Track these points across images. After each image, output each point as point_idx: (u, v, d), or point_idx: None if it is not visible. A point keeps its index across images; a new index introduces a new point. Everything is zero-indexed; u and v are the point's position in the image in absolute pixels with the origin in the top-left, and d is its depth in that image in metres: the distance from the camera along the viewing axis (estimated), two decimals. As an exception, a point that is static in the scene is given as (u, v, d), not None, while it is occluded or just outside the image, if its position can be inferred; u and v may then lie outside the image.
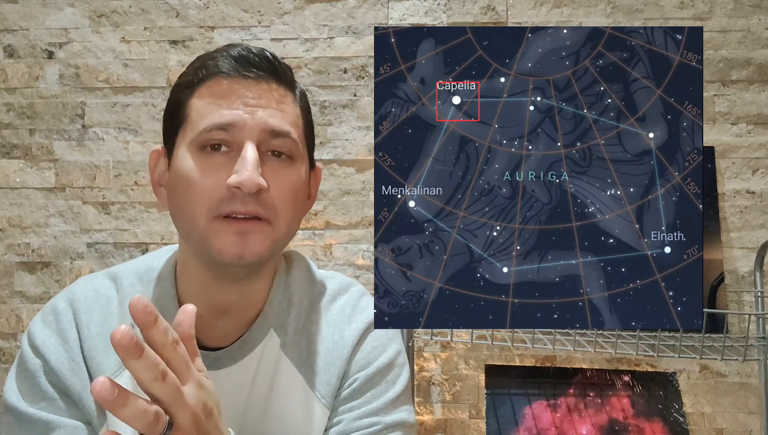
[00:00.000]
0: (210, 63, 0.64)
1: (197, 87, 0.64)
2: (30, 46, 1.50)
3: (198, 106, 0.62)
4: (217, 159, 0.61)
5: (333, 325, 0.71)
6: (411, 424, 0.70)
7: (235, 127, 0.61)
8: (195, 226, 0.61)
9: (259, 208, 0.60)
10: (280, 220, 0.63)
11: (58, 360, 0.63)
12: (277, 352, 0.68)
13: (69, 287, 0.70)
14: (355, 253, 1.46)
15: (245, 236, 0.60)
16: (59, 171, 1.49)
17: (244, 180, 0.58)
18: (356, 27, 1.49)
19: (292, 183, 0.64)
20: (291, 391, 0.67)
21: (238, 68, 0.63)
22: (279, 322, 0.70)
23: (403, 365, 0.72)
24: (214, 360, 0.66)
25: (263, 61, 0.64)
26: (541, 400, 1.29)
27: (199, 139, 0.61)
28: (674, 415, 1.27)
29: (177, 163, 0.63)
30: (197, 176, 0.60)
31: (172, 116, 0.65)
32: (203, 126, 0.61)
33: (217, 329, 0.68)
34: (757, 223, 1.40)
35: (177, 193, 0.62)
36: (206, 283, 0.66)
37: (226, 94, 0.62)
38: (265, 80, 0.64)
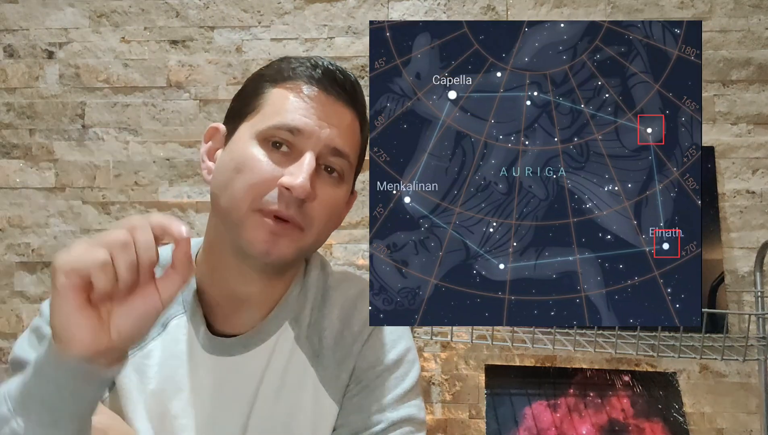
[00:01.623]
0: (299, 68, 0.66)
1: (279, 83, 0.66)
2: (30, 46, 1.50)
3: (274, 101, 0.65)
4: (276, 156, 0.63)
5: (343, 321, 0.72)
6: (420, 420, 0.70)
7: (302, 134, 0.63)
8: (235, 210, 0.62)
9: (299, 214, 0.62)
10: (313, 230, 0.65)
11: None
12: (291, 344, 0.69)
13: None
14: (355, 253, 1.45)
15: (277, 237, 0.62)
16: (59, 171, 1.49)
17: (297, 184, 0.60)
18: (356, 27, 1.49)
19: (335, 200, 0.67)
20: (302, 385, 0.68)
21: (322, 80, 0.66)
22: (294, 315, 0.71)
23: (413, 362, 0.73)
24: (227, 347, 0.67)
25: (347, 83, 0.67)
26: (541, 400, 1.29)
27: (266, 132, 0.63)
28: (674, 415, 1.26)
29: (237, 145, 0.65)
30: (253, 164, 0.62)
31: (244, 101, 0.68)
32: (274, 122, 0.63)
33: (234, 319, 0.69)
34: (757, 223, 1.40)
35: (228, 173, 0.64)
36: (229, 274, 0.67)
37: (305, 101, 0.64)
38: (343, 102, 0.67)
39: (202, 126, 1.46)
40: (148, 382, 0.65)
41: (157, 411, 0.64)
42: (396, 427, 0.67)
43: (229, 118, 0.69)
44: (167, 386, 0.65)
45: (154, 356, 0.66)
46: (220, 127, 0.70)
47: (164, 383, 0.65)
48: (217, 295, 0.68)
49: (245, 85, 0.69)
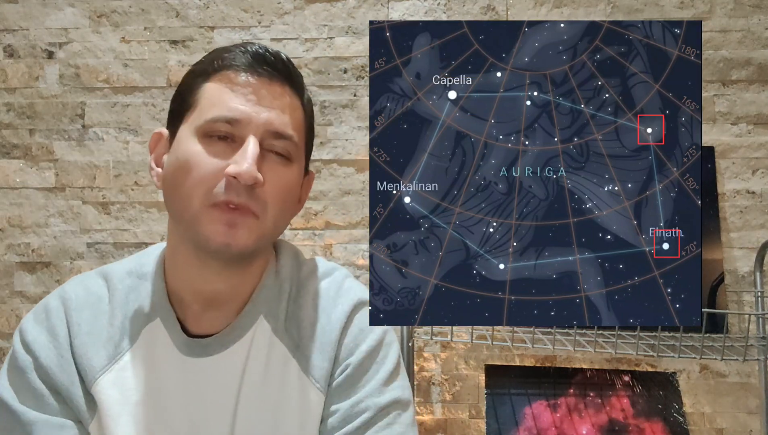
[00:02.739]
0: (227, 55, 0.65)
1: (210, 76, 0.65)
2: (30, 46, 1.50)
3: (208, 95, 0.64)
4: (219, 147, 0.62)
5: (320, 309, 0.72)
6: (406, 400, 0.70)
7: (241, 123, 0.62)
8: (188, 209, 0.62)
9: (251, 201, 0.62)
10: (268, 215, 0.64)
11: (47, 357, 0.64)
12: (268, 337, 0.69)
13: (62, 286, 0.71)
14: (355, 253, 1.45)
15: (233, 228, 0.61)
16: (59, 171, 1.49)
17: (242, 171, 0.59)
18: (356, 27, 1.49)
19: (286, 182, 0.66)
20: (285, 377, 0.68)
21: (253, 64, 0.65)
22: (269, 308, 0.70)
23: (391, 344, 0.73)
24: (204, 347, 0.67)
25: (278, 62, 0.66)
26: (541, 400, 1.29)
27: (205, 127, 0.63)
28: (674, 415, 1.26)
29: (179, 145, 0.64)
30: (197, 161, 0.62)
31: (180, 100, 0.67)
32: (210, 116, 0.62)
33: (207, 319, 0.68)
34: (757, 223, 1.40)
35: (175, 174, 0.63)
36: (194, 273, 0.67)
37: (238, 87, 0.64)
38: (277, 81, 0.66)
39: (202, 126, 1.46)
40: (131, 394, 0.65)
41: (144, 421, 0.64)
42: (384, 413, 0.67)
43: (170, 122, 0.68)
44: (150, 394, 0.65)
45: (130, 367, 0.66)
46: (162, 132, 0.70)
47: (146, 392, 0.65)
48: (186, 297, 0.68)
49: (179, 85, 0.69)
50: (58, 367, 0.64)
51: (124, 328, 0.67)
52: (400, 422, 0.68)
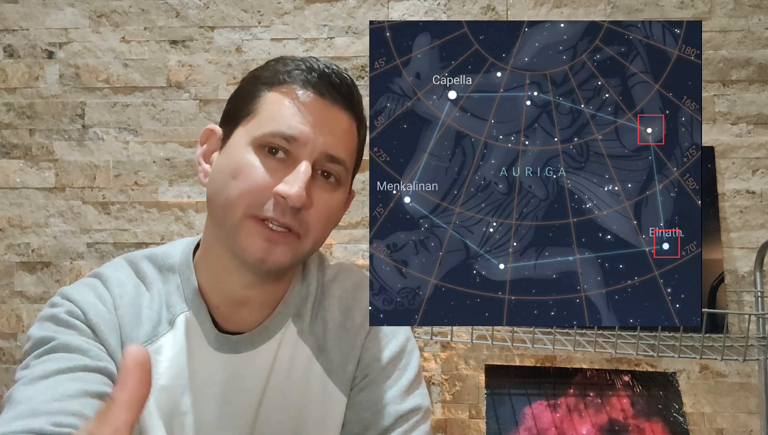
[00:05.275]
0: (295, 71, 0.65)
1: (274, 86, 0.65)
2: (30, 46, 1.50)
3: (269, 106, 0.64)
4: (272, 163, 0.63)
5: (344, 313, 0.73)
6: (425, 408, 0.71)
7: (298, 142, 0.62)
8: (230, 216, 0.62)
9: (295, 222, 0.62)
10: (310, 237, 0.65)
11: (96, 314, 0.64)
12: (294, 340, 0.70)
13: (93, 271, 0.71)
14: (355, 253, 1.45)
15: (273, 244, 0.62)
16: (59, 171, 1.49)
17: (293, 194, 0.60)
18: (356, 27, 1.49)
19: (332, 206, 0.67)
20: (309, 378, 0.69)
21: (318, 84, 0.65)
22: (297, 311, 0.72)
23: (413, 350, 0.74)
24: (234, 344, 0.67)
25: (343, 86, 0.66)
26: (541, 400, 1.29)
27: (262, 139, 0.63)
28: (674, 415, 1.26)
29: (233, 150, 0.64)
30: (249, 171, 0.62)
31: (240, 103, 0.67)
32: (270, 129, 0.63)
33: (237, 318, 0.69)
34: (757, 223, 1.40)
35: (224, 178, 0.63)
36: (226, 275, 0.67)
37: (300, 105, 0.64)
38: (339, 105, 0.66)
39: (202, 126, 1.46)
40: (159, 377, 0.65)
41: (167, 407, 0.65)
42: (404, 419, 0.68)
43: (225, 121, 0.68)
44: (177, 382, 0.66)
45: (164, 352, 0.66)
46: (216, 130, 0.70)
47: (174, 379, 0.66)
48: (216, 297, 0.69)
49: (240, 87, 0.69)
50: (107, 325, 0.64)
51: (161, 313, 0.68)
52: (419, 430, 0.69)
